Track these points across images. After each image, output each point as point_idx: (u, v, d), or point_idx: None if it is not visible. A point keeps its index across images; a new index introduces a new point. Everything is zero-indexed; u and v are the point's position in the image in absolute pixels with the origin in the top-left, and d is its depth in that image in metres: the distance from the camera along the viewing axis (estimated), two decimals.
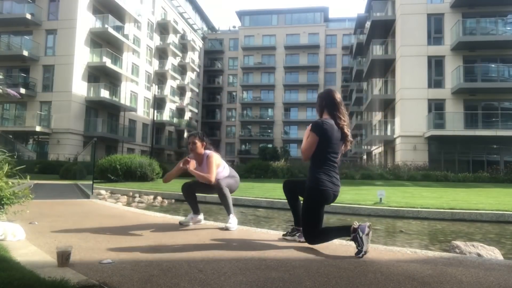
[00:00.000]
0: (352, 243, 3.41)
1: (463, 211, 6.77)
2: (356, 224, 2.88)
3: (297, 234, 3.40)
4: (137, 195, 9.82)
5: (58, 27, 27.86)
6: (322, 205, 3.10)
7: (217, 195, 4.11)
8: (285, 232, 3.59)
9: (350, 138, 3.24)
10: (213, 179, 3.96)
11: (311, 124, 3.14)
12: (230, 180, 4.19)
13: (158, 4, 41.09)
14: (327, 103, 3.22)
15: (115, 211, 5.82)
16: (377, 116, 32.40)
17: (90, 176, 9.96)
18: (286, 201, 3.52)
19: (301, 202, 3.28)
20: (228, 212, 4.08)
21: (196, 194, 4.32)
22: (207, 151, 4.16)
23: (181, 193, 4.37)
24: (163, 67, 41.95)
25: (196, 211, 4.34)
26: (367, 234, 2.79)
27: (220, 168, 4.14)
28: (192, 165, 4.09)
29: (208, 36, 58.51)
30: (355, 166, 24.05)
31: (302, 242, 3.24)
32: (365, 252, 2.79)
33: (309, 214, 3.08)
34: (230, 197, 4.09)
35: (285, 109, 53.78)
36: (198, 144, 4.12)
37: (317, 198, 3.05)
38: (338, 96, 3.27)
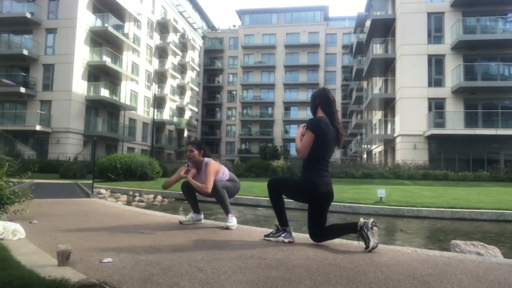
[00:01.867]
0: (352, 242, 3.42)
1: (463, 210, 6.77)
2: (361, 221, 2.96)
3: (283, 235, 3.32)
4: (137, 194, 9.83)
5: (58, 26, 27.84)
6: (324, 206, 3.21)
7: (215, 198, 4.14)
8: (267, 233, 3.46)
9: (342, 137, 3.28)
10: (209, 190, 3.96)
11: (307, 122, 3.16)
12: (228, 183, 4.20)
13: (158, 3, 41.05)
14: (321, 101, 3.24)
15: (115, 210, 5.82)
16: (377, 115, 32.39)
17: (90, 175, 9.96)
18: (286, 200, 3.51)
19: (284, 200, 3.36)
20: (226, 213, 4.09)
21: (196, 193, 4.32)
22: (206, 159, 4.17)
23: (181, 192, 4.38)
24: (163, 66, 41.93)
25: (197, 210, 4.35)
26: (371, 229, 2.88)
27: (219, 174, 4.16)
28: (191, 174, 4.16)
29: (208, 35, 58.47)
30: (355, 165, 24.04)
31: (288, 243, 3.24)
32: (373, 247, 2.88)
33: (314, 215, 3.20)
34: (227, 198, 4.08)
35: (285, 108, 53.77)
36: (195, 152, 4.16)
37: (319, 200, 3.17)
38: (332, 94, 3.32)
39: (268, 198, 3.44)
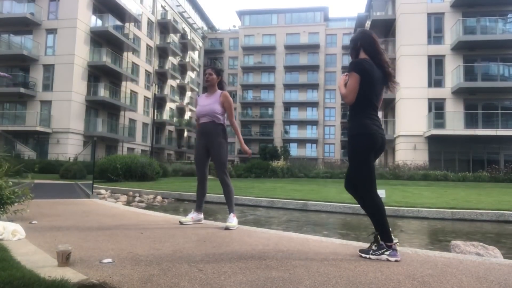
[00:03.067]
0: (352, 243, 3.42)
1: (463, 210, 6.77)
2: (396, 243, 2.72)
3: (387, 253, 2.69)
4: (137, 194, 9.83)
5: (58, 27, 27.86)
6: (371, 152, 2.79)
7: (222, 191, 4.19)
8: (364, 249, 2.84)
9: (392, 76, 2.95)
10: (233, 119, 4.28)
11: (349, 65, 2.86)
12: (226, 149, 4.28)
13: (158, 4, 41.08)
14: (363, 42, 2.92)
15: (115, 210, 5.82)
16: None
17: (90, 175, 9.96)
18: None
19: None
20: (230, 210, 4.11)
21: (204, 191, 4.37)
22: (222, 91, 4.26)
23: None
24: (163, 66, 41.94)
25: (199, 208, 4.34)
26: (386, 259, 2.66)
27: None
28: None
29: (208, 36, 58.50)
30: None
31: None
32: (367, 257, 2.73)
33: (361, 167, 2.78)
34: (234, 193, 4.19)
35: (285, 108, 53.77)
36: (214, 76, 4.24)
37: (366, 144, 2.76)
38: (374, 34, 2.98)
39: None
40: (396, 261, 2.66)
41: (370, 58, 2.86)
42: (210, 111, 4.14)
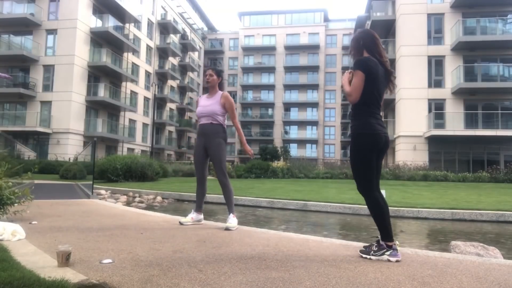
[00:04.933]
0: (352, 243, 3.42)
1: (463, 211, 6.77)
2: (396, 244, 2.74)
3: (388, 253, 2.69)
4: (137, 195, 9.83)
5: (58, 27, 27.87)
6: (374, 152, 2.78)
7: (222, 191, 4.19)
8: (364, 249, 2.85)
9: (393, 75, 2.97)
10: (237, 120, 4.31)
11: (354, 63, 2.86)
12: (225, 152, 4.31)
13: (158, 4, 41.10)
14: (366, 41, 2.94)
15: (115, 211, 5.82)
16: None
17: (90, 176, 9.96)
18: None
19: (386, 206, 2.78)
20: (230, 210, 4.11)
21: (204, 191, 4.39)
22: (223, 92, 4.28)
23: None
24: (163, 67, 41.95)
25: (199, 209, 4.34)
26: (385, 255, 2.68)
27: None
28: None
29: (208, 36, 58.53)
30: None
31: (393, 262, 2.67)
32: (367, 258, 2.73)
33: (363, 166, 2.78)
34: (233, 193, 4.20)
35: (285, 109, 53.78)
36: (215, 77, 4.26)
37: (369, 144, 2.76)
38: (376, 34, 3.03)
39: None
40: (397, 261, 2.65)
41: (372, 56, 2.87)
42: (210, 112, 4.16)
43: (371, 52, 2.89)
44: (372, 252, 2.74)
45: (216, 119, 4.17)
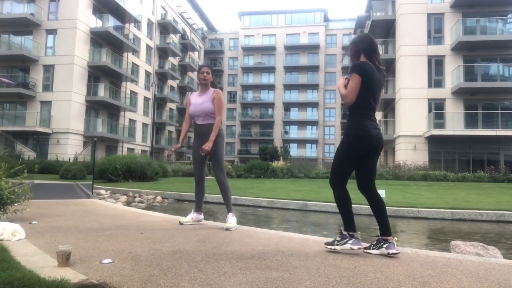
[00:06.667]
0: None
1: (463, 210, 6.78)
2: (394, 239, 2.87)
3: (350, 242, 2.89)
4: (137, 195, 9.83)
5: (58, 27, 27.86)
6: (359, 153, 2.92)
7: (219, 190, 4.18)
8: (329, 241, 3.06)
9: (384, 79, 3.11)
10: (221, 117, 4.19)
11: (351, 67, 2.97)
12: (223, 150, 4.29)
13: (158, 4, 41.10)
14: (365, 46, 3.02)
15: (115, 211, 5.82)
16: (377, 116, 32.43)
17: (90, 176, 9.96)
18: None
19: (381, 203, 3.02)
20: (228, 210, 4.11)
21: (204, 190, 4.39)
22: (215, 89, 4.26)
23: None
24: (163, 67, 41.95)
25: (199, 209, 4.34)
26: (383, 248, 2.85)
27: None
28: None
29: (208, 36, 58.54)
30: None
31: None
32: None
33: (343, 162, 2.97)
34: (231, 192, 4.19)
35: (285, 109, 53.80)
36: (210, 76, 4.26)
37: (359, 145, 2.89)
38: (375, 39, 3.12)
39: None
40: (359, 249, 2.88)
41: (369, 61, 3.00)
42: (204, 110, 4.14)
43: (369, 57, 3.01)
44: (336, 242, 2.96)
45: (212, 118, 4.16)
